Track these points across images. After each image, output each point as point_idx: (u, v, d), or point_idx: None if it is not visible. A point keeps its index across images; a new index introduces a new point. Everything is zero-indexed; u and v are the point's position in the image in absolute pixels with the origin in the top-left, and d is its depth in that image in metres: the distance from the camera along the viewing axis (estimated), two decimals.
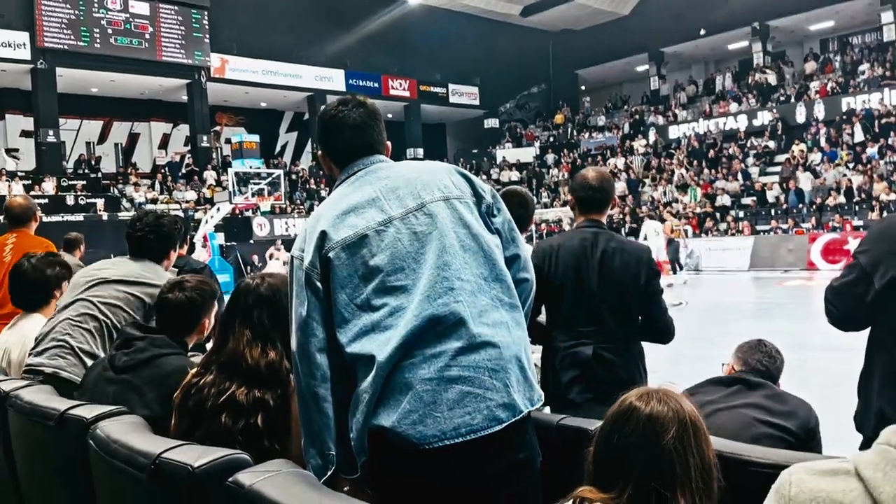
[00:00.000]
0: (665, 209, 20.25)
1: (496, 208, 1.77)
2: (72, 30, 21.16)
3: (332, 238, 1.63)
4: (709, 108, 26.60)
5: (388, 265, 1.60)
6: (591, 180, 2.81)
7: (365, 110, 1.81)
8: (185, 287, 2.31)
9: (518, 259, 1.79)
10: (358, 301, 1.60)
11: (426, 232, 1.63)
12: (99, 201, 20.32)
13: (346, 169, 1.78)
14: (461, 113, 32.16)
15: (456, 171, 1.77)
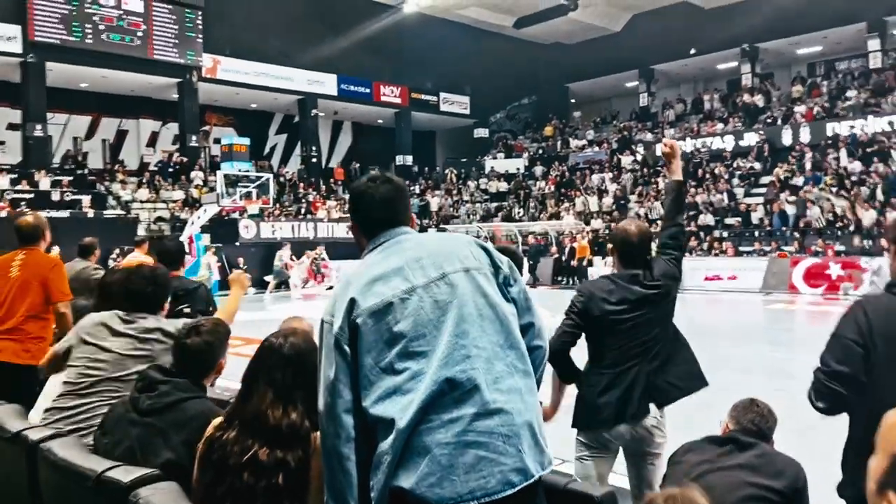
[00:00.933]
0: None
1: (513, 279, 1.87)
2: (64, 24, 21.01)
3: (360, 305, 1.71)
4: (696, 126, 26.91)
5: (410, 331, 1.69)
6: (632, 237, 3.04)
7: (392, 186, 1.92)
8: (202, 332, 2.39)
9: (532, 327, 1.88)
10: (382, 364, 1.68)
11: (447, 300, 1.72)
12: (85, 198, 20.15)
13: (373, 239, 1.88)
14: (451, 121, 32.28)
15: (476, 244, 1.89)
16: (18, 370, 4.03)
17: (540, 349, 1.90)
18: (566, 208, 25.50)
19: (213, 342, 2.39)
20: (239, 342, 10.26)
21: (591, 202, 25.08)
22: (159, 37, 22.69)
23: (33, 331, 4.18)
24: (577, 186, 26.62)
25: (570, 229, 23.50)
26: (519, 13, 29.42)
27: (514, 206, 27.77)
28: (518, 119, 34.71)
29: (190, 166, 23.64)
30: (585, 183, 26.69)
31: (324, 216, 24.18)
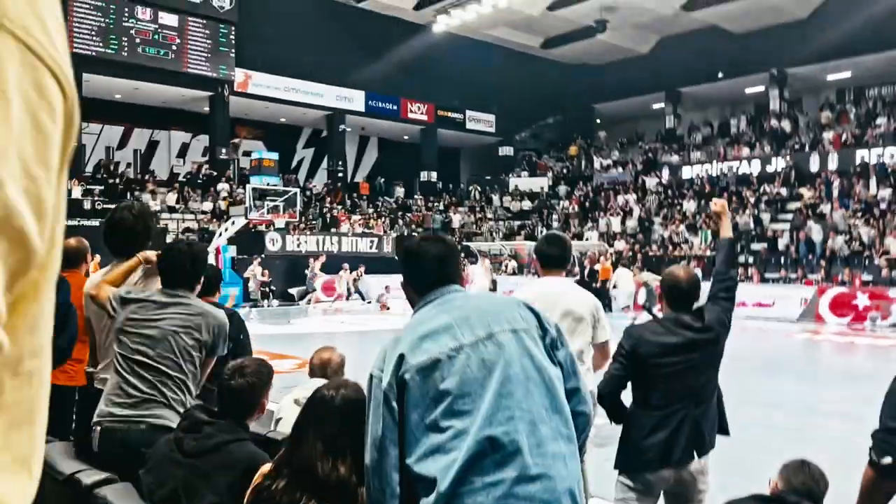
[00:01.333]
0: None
1: (560, 342, 1.90)
2: (101, 37, 21.50)
3: (409, 362, 1.76)
4: (723, 150, 26.79)
5: (456, 389, 1.72)
6: (681, 282, 3.11)
7: (444, 246, 2.00)
8: (246, 373, 2.45)
9: (577, 392, 1.90)
10: (427, 422, 1.72)
11: (493, 360, 1.75)
12: (115, 207, 20.51)
13: (424, 297, 1.93)
14: (476, 139, 32.43)
15: (524, 305, 1.92)
16: (56, 391, 4.13)
17: (584, 415, 1.91)
18: (590, 228, 25.47)
19: (257, 383, 2.44)
20: (264, 357, 10.40)
21: (615, 223, 25.02)
22: (193, 51, 23.13)
23: (72, 352, 4.16)
24: (602, 207, 26.59)
25: (593, 250, 23.46)
26: (547, 34, 29.58)
27: (537, 225, 27.79)
28: (543, 138, 34.78)
29: (219, 178, 23.98)
30: (610, 203, 26.65)
31: (348, 230, 24.38)
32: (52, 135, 0.49)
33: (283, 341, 13.01)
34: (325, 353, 3.75)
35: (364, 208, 27.25)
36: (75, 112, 0.52)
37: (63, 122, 0.51)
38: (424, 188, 30.45)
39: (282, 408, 3.63)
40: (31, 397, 0.53)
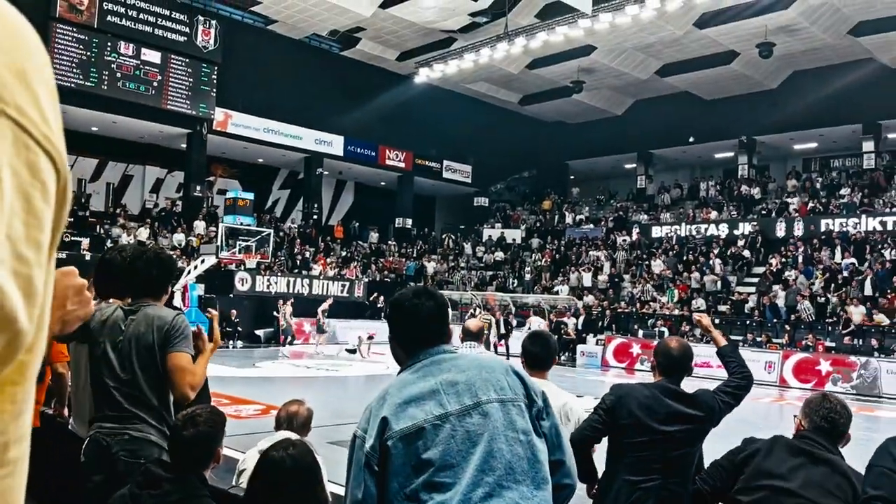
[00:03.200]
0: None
1: (545, 412, 1.86)
2: (81, 70, 21.48)
3: (393, 427, 1.73)
4: (692, 212, 27.38)
5: (438, 461, 1.69)
6: (673, 351, 3.16)
7: (435, 304, 1.93)
8: (198, 422, 2.39)
9: (563, 466, 1.86)
10: (407, 491, 1.68)
11: (478, 432, 1.72)
12: (84, 240, 20.23)
13: (413, 356, 1.89)
14: (452, 189, 32.77)
15: (512, 371, 1.88)
16: None
17: (568, 487, 1.88)
18: (561, 282, 25.68)
19: (210, 432, 2.39)
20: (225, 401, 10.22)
21: (586, 278, 25.28)
22: (174, 88, 23.20)
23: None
24: (573, 262, 26.89)
25: (563, 304, 23.63)
26: (525, 91, 30.29)
27: (509, 277, 27.95)
28: (517, 191, 35.29)
29: (192, 215, 23.82)
30: (581, 258, 26.96)
31: (320, 273, 24.27)
32: (44, 215, 0.49)
33: (247, 385, 12.78)
34: (292, 406, 3.72)
35: (337, 251, 27.21)
36: (68, 191, 0.53)
37: (56, 201, 0.52)
38: (399, 234, 30.56)
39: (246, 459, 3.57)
40: (13, 486, 0.52)
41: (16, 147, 0.47)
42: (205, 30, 23.73)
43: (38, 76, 0.49)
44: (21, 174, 0.47)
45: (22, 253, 0.47)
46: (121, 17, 22.09)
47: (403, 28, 25.14)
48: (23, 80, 0.48)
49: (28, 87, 0.48)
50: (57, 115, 0.51)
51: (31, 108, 0.48)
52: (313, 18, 24.26)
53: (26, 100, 0.48)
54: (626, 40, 24.09)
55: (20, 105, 0.47)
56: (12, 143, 0.47)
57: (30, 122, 0.48)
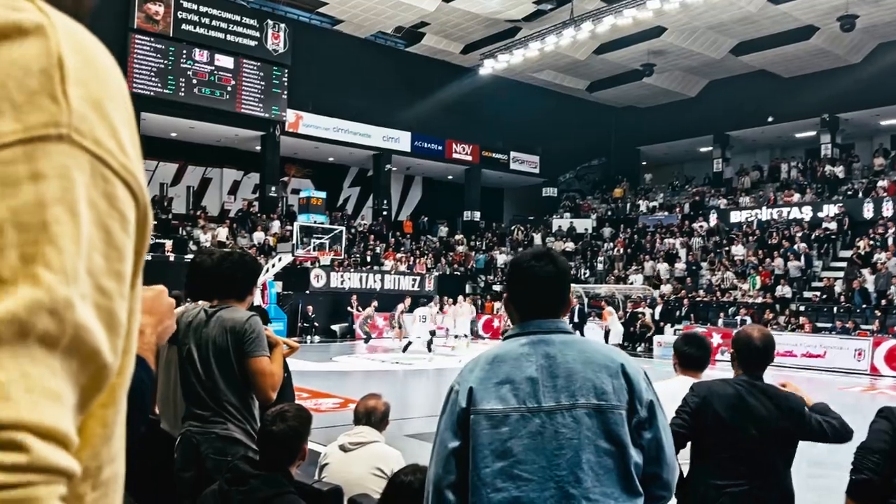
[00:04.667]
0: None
1: (648, 423, 1.71)
2: (159, 78, 22.37)
3: (479, 403, 1.69)
4: (773, 195, 26.35)
5: (521, 453, 1.63)
6: (755, 341, 2.95)
7: (556, 268, 1.82)
8: (287, 417, 2.46)
9: (658, 480, 1.73)
10: (483, 473, 1.64)
11: (567, 436, 1.64)
12: (167, 242, 21.08)
13: (523, 324, 1.82)
14: (520, 180, 32.56)
15: (621, 373, 1.73)
16: None
17: (662, 500, 1.76)
18: (635, 271, 25.18)
19: (298, 427, 2.46)
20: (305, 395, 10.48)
21: (661, 267, 24.69)
22: (247, 92, 23.89)
23: None
24: (647, 250, 26.31)
25: (637, 294, 23.17)
26: (592, 77, 29.78)
27: (580, 267, 27.59)
28: (587, 179, 34.73)
29: (268, 215, 24.50)
30: (656, 247, 26.36)
31: (391, 268, 24.58)
32: (125, 246, 0.50)
33: (325, 379, 13.07)
34: (370, 401, 3.77)
35: (407, 246, 27.47)
36: (148, 219, 0.54)
37: (136, 230, 0.52)
38: (467, 227, 30.61)
39: (327, 454, 3.65)
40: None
41: (94, 179, 0.48)
42: (274, 33, 24.32)
43: (115, 104, 0.51)
44: (99, 206, 0.48)
45: (103, 286, 0.48)
46: (194, 24, 22.87)
47: (467, 20, 25.09)
48: (99, 110, 0.49)
49: (105, 117, 0.49)
50: (135, 142, 0.53)
51: (108, 139, 0.49)
52: (379, 16, 24.50)
53: (103, 130, 0.49)
54: (697, 19, 23.34)
55: (97, 137, 0.48)
56: (90, 175, 0.48)
57: (107, 152, 0.49)
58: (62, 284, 0.44)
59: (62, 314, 0.44)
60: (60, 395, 0.44)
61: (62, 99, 0.46)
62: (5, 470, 0.41)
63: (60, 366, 0.44)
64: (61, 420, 0.44)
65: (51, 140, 0.46)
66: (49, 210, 0.45)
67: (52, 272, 0.44)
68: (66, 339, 0.44)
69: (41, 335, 0.43)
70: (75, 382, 0.46)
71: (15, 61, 0.45)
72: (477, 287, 26.65)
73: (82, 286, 0.46)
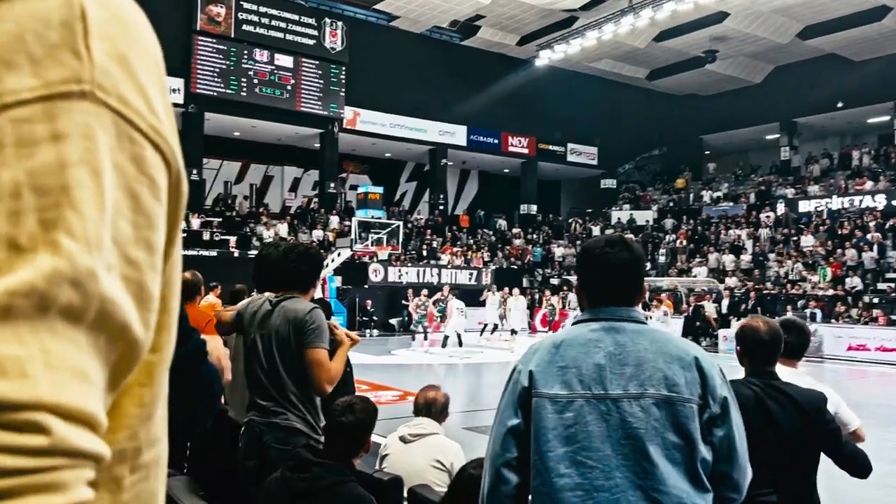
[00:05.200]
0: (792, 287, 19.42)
1: (721, 419, 1.65)
2: (222, 78, 22.94)
3: (543, 384, 1.67)
4: (844, 183, 25.32)
5: (586, 440, 1.60)
6: (762, 334, 2.79)
7: (630, 255, 1.78)
8: (355, 409, 2.51)
9: (728, 480, 1.67)
10: (546, 458, 1.62)
11: (635, 426, 1.60)
12: (232, 238, 21.64)
13: (594, 310, 1.78)
14: (578, 172, 32.17)
15: (694, 366, 1.66)
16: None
17: (731, 502, 1.69)
18: (699, 264, 24.59)
19: (365, 419, 2.50)
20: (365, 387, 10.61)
21: (727, 259, 24.03)
22: (306, 90, 24.29)
23: None
24: (711, 241, 25.65)
25: (701, 286, 22.61)
26: (652, 65, 29.16)
27: None
28: (647, 170, 34.06)
29: (327, 211, 24.90)
30: (720, 238, 25.68)
31: (448, 262, 24.66)
32: (156, 213, 0.46)
33: (384, 372, 13.22)
34: (430, 393, 3.78)
35: (463, 240, 27.50)
36: (182, 184, 0.50)
37: (169, 195, 0.48)
38: (524, 220, 30.43)
39: (387, 444, 3.68)
40: (149, 490, 0.51)
41: (119, 140, 0.44)
42: (332, 31, 24.64)
43: (143, 62, 0.47)
44: (126, 170, 0.44)
45: (131, 256, 0.44)
46: (255, 25, 23.36)
47: (523, 11, 24.89)
48: (126, 66, 0.45)
49: (131, 74, 0.45)
50: (167, 106, 0.49)
51: (135, 98, 0.45)
52: (434, 11, 24.54)
53: (130, 88, 0.45)
54: (761, 3, 22.58)
55: (123, 95, 0.44)
56: (115, 136, 0.44)
57: (134, 112, 0.45)
58: (85, 253, 0.41)
59: (85, 285, 0.40)
60: (86, 372, 0.41)
61: (85, 53, 0.43)
62: (25, 454, 0.37)
63: (86, 341, 0.41)
64: (86, 399, 0.40)
65: (73, 97, 0.42)
66: (70, 172, 0.41)
67: (73, 240, 0.40)
68: (91, 313, 0.41)
69: (63, 308, 0.40)
70: (104, 360, 0.43)
71: (34, 13, 0.41)
72: (534, 281, 26.49)
73: (108, 256, 0.42)
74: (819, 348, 17.77)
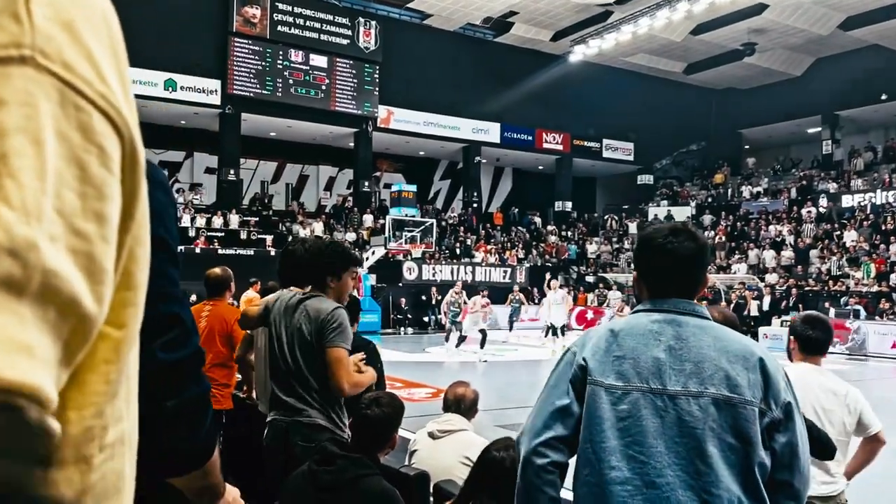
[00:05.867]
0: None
1: (783, 425, 1.58)
2: (258, 79, 23.23)
3: (598, 373, 1.62)
4: (888, 177, 24.62)
5: (639, 434, 1.56)
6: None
7: (695, 245, 1.69)
8: (382, 403, 2.52)
9: (789, 488, 1.58)
10: (599, 448, 1.58)
11: (692, 425, 1.54)
12: (268, 237, 21.91)
13: (655, 301, 1.71)
14: (613, 168, 31.85)
15: (758, 368, 1.60)
16: None
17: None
18: (738, 260, 24.15)
19: (392, 414, 2.51)
20: (399, 385, 10.66)
21: (767, 255, 23.56)
22: (340, 90, 24.47)
23: (219, 377, 4.41)
24: (751, 237, 25.16)
25: (739, 283, 22.18)
26: (690, 59, 28.70)
27: None
28: (685, 166, 33.53)
29: (361, 210, 25.06)
30: (761, 234, 25.18)
31: (482, 260, 24.62)
32: (106, 183, 0.45)
33: (417, 369, 13.25)
34: (459, 389, 3.77)
35: (498, 238, 27.42)
36: (138, 155, 0.48)
37: (123, 167, 0.47)
38: (558, 217, 30.23)
39: (416, 440, 3.69)
40: (116, 469, 0.50)
41: (63, 108, 0.42)
42: (365, 31, 24.77)
43: (93, 28, 0.45)
44: (71, 139, 0.42)
45: (79, 227, 0.42)
46: (290, 26, 23.61)
47: (557, 7, 24.71)
48: (71, 32, 0.43)
49: (78, 40, 0.43)
50: (121, 74, 0.47)
51: (81, 64, 0.43)
52: (467, 8, 24.51)
53: (75, 54, 0.43)
54: None
55: (67, 61, 0.42)
56: (59, 104, 0.42)
57: (80, 79, 0.43)
58: (23, 223, 0.39)
59: (25, 256, 0.39)
60: (30, 346, 0.39)
61: (25, 18, 0.41)
62: None
63: (31, 315, 0.39)
64: (30, 373, 0.38)
65: (12, 63, 0.40)
66: (8, 140, 0.39)
67: (11, 209, 0.39)
68: (33, 285, 0.39)
69: (2, 279, 0.38)
70: (55, 334, 0.41)
71: None
72: (569, 278, 26.29)
73: (50, 227, 0.40)
74: (862, 345, 17.32)
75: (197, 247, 20.23)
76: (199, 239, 20.67)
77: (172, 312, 1.01)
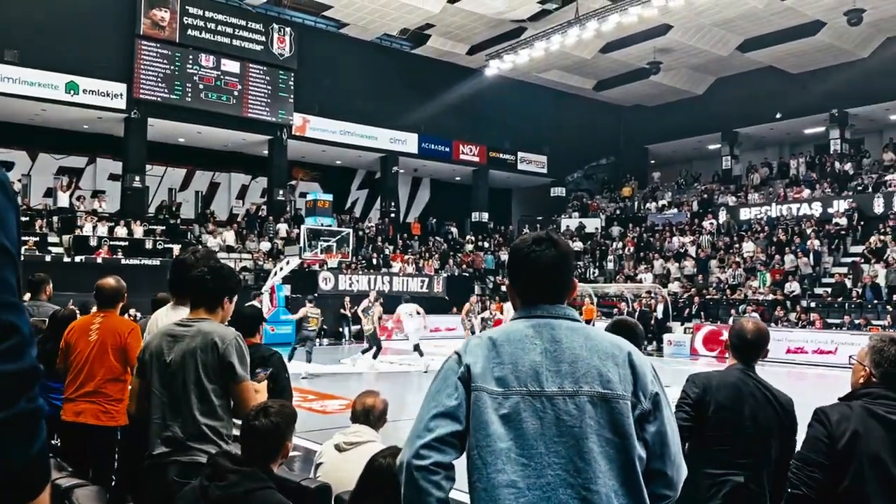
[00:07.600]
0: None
1: (653, 416, 1.64)
2: (166, 83, 22.47)
3: (481, 379, 1.64)
4: (783, 192, 26.17)
5: (519, 437, 1.59)
6: (747, 333, 3.06)
7: (557, 252, 1.76)
8: (270, 412, 2.42)
9: (663, 477, 1.65)
10: (485, 452, 1.60)
11: (569, 424, 1.59)
12: (175, 247, 21.14)
13: (527, 309, 1.76)
14: (528, 180, 32.50)
15: (628, 363, 1.66)
16: (98, 431, 4.10)
17: (665, 499, 1.66)
18: (645, 270, 25.06)
19: (281, 423, 2.41)
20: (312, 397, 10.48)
21: (671, 266, 24.56)
22: (254, 96, 23.96)
23: (112, 393, 4.19)
24: (657, 248, 26.17)
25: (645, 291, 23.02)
26: (599, 76, 29.70)
27: (589, 266, 27.49)
28: (595, 179, 34.64)
29: (276, 218, 24.56)
30: (665, 245, 26.23)
31: (399, 270, 24.57)
32: None
33: (332, 381, 13.08)
34: (367, 399, 3.71)
35: (415, 248, 27.46)
36: None
37: None
38: (476, 228, 30.58)
39: (322, 452, 3.62)
40: None
41: None
42: (280, 37, 24.40)
43: None
44: None
45: None
46: (200, 30, 22.97)
47: (472, 21, 25.08)
48: None
49: None
50: None
51: None
52: (384, 18, 24.52)
53: None
54: (703, 17, 23.24)
55: None
56: None
57: None
58: None
59: None
60: None
61: None
62: None
63: None
64: None
65: None
66: None
67: None
68: None
69: None
70: None
71: None
72: (486, 288, 26.60)
73: None
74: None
75: (98, 256, 19.33)
76: (101, 248, 19.76)
77: (7, 321, 0.95)
